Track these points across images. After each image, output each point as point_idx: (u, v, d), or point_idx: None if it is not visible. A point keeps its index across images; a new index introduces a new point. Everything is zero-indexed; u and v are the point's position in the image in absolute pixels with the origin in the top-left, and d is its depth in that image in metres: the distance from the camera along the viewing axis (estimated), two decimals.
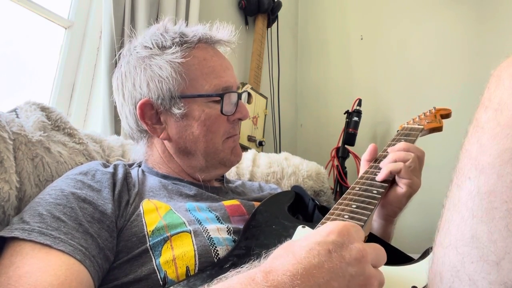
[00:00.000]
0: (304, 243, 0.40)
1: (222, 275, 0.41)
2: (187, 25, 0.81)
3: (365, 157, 0.82)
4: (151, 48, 0.75)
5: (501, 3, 1.63)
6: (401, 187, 0.72)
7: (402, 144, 0.76)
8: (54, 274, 0.49)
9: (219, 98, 0.75)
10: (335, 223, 0.43)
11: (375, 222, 0.79)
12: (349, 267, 0.38)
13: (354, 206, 0.62)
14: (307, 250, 0.39)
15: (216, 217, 0.68)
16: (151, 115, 0.76)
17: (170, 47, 0.74)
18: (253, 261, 0.41)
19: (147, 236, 0.61)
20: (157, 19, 1.30)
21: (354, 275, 0.38)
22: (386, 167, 0.72)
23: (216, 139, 0.76)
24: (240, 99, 0.80)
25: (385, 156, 0.77)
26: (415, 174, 0.73)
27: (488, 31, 1.65)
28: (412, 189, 0.72)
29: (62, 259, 0.51)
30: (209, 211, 0.70)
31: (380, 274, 0.42)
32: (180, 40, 0.76)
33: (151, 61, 0.74)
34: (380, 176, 0.71)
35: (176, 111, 0.74)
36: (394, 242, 0.79)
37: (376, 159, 0.78)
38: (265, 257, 0.42)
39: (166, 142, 0.78)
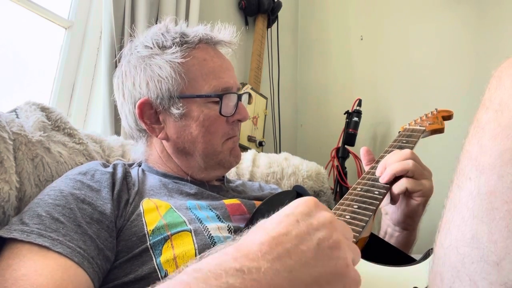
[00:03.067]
0: (274, 218, 0.41)
1: (199, 255, 0.41)
2: (187, 25, 0.81)
3: (364, 163, 0.83)
4: (151, 48, 0.75)
5: (502, 3, 1.63)
6: (416, 200, 0.72)
7: (393, 157, 0.73)
8: (51, 277, 0.49)
9: (218, 99, 0.75)
10: (304, 198, 0.44)
11: (398, 233, 0.77)
12: (317, 232, 0.39)
13: (355, 206, 0.62)
14: (277, 223, 0.39)
15: (216, 215, 0.68)
16: (150, 115, 0.76)
17: (170, 47, 0.74)
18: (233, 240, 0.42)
19: (147, 235, 0.61)
20: (157, 19, 1.30)
21: (322, 238, 0.38)
22: (390, 171, 0.70)
23: (215, 140, 0.76)
24: (240, 101, 0.79)
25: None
26: (423, 177, 0.71)
27: (488, 31, 1.65)
28: (426, 195, 0.72)
29: (59, 261, 0.51)
30: (210, 209, 0.70)
31: (351, 243, 0.42)
32: (180, 40, 0.76)
33: (151, 61, 0.74)
34: (384, 179, 0.70)
35: (175, 111, 0.74)
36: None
37: (377, 161, 0.78)
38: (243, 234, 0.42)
39: (164, 142, 0.78)
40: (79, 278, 0.52)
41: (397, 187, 0.70)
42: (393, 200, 0.72)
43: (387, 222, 0.80)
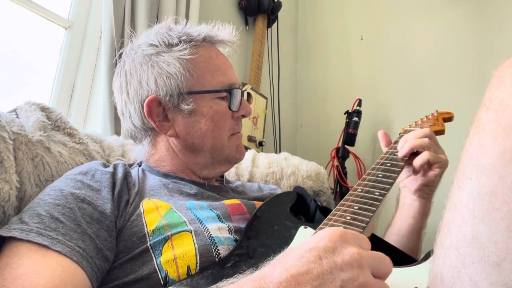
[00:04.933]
0: (297, 251, 0.39)
1: (214, 285, 0.40)
2: (186, 24, 0.82)
3: (383, 144, 0.89)
4: (157, 46, 0.76)
5: (502, 3, 1.63)
6: (434, 170, 0.79)
7: (413, 133, 0.80)
8: (50, 276, 0.49)
9: (224, 95, 0.78)
10: (329, 229, 0.42)
11: (416, 202, 0.83)
12: (341, 273, 0.37)
13: (356, 207, 0.62)
14: (297, 258, 0.38)
15: (217, 215, 0.68)
16: (158, 112, 0.76)
17: (177, 45, 0.76)
18: (251, 271, 0.41)
19: (147, 236, 0.61)
20: (157, 19, 1.30)
21: (346, 280, 0.36)
22: (408, 145, 0.77)
23: (223, 135, 0.78)
24: (243, 97, 0.82)
25: (387, 158, 0.78)
26: (439, 152, 0.79)
27: (489, 31, 1.65)
28: (444, 167, 0.80)
29: (58, 260, 0.51)
30: (210, 209, 0.70)
31: (379, 282, 0.40)
32: (186, 38, 0.77)
33: (158, 58, 0.75)
34: (403, 152, 0.78)
35: (184, 107, 0.75)
36: (395, 243, 0.80)
37: (377, 162, 0.78)
38: (261, 266, 0.41)
39: (172, 139, 0.78)
40: (78, 277, 0.52)
41: (420, 159, 0.76)
42: (415, 171, 0.79)
43: (405, 194, 0.86)
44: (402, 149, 0.78)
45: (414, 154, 0.79)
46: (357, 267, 0.37)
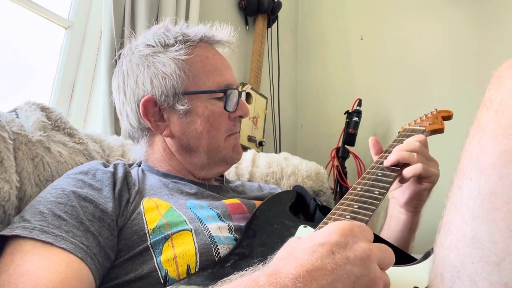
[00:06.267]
0: (307, 244, 0.39)
1: (226, 278, 0.40)
2: (187, 25, 0.82)
3: (372, 152, 0.84)
4: (153, 46, 0.76)
5: (502, 3, 1.63)
6: (424, 185, 0.76)
7: (404, 145, 0.76)
8: (55, 272, 0.49)
9: (221, 95, 0.77)
10: (338, 223, 0.42)
11: (404, 215, 0.81)
12: (354, 268, 0.37)
13: (356, 206, 0.61)
14: (310, 253, 0.38)
15: (217, 214, 0.69)
16: (154, 112, 0.76)
17: (173, 45, 0.76)
18: (258, 264, 0.41)
19: (147, 234, 0.61)
20: (157, 19, 1.30)
21: (359, 275, 0.37)
22: (396, 155, 0.73)
23: (219, 135, 0.78)
24: (240, 97, 0.81)
25: (386, 157, 0.77)
26: (431, 165, 0.74)
27: (489, 31, 1.65)
28: (433, 182, 0.76)
29: (63, 257, 0.51)
30: (210, 208, 0.70)
31: (385, 275, 0.41)
32: (183, 38, 0.77)
33: (154, 59, 0.75)
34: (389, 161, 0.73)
35: (179, 107, 0.74)
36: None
37: (377, 160, 0.78)
38: (269, 259, 0.41)
39: (168, 139, 0.78)
40: (82, 273, 0.52)
41: (411, 170, 0.71)
42: (402, 181, 0.75)
43: (393, 206, 0.83)
44: (389, 158, 0.74)
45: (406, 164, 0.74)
46: (369, 262, 0.38)
